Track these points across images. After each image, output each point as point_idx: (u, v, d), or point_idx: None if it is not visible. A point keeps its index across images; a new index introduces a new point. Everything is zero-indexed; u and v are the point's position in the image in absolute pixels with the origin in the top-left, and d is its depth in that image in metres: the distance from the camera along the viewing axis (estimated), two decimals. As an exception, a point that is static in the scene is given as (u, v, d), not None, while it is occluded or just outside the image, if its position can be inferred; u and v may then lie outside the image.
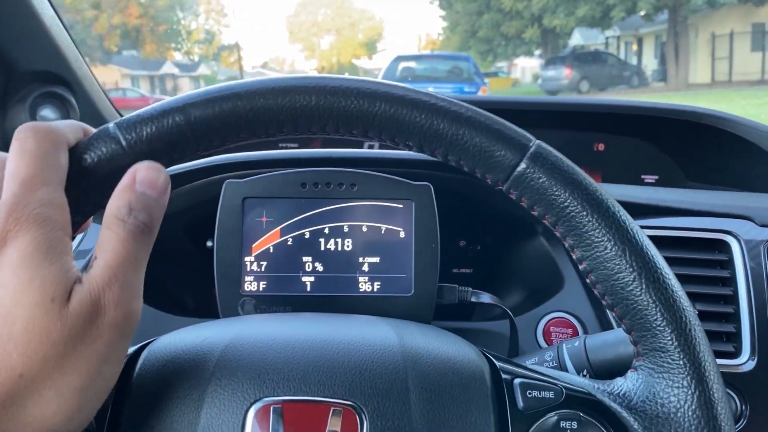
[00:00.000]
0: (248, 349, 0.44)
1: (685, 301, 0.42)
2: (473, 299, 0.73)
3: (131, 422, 0.42)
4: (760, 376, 0.69)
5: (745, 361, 0.69)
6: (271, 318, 0.51)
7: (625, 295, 0.42)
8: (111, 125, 0.40)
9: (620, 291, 0.42)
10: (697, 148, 1.10)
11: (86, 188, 0.40)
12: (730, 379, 0.69)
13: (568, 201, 0.42)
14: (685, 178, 1.14)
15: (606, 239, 0.42)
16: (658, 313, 0.41)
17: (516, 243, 0.85)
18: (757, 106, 10.68)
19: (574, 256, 0.44)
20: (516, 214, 0.81)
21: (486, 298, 0.73)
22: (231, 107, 0.41)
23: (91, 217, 0.43)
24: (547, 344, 0.77)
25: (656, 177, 1.16)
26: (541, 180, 0.42)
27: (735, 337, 0.71)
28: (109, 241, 0.36)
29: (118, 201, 0.37)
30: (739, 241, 0.75)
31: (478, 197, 0.81)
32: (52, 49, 1.01)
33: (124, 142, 0.40)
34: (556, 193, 0.42)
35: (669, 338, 0.41)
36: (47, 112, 1.09)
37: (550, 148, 0.43)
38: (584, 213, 0.42)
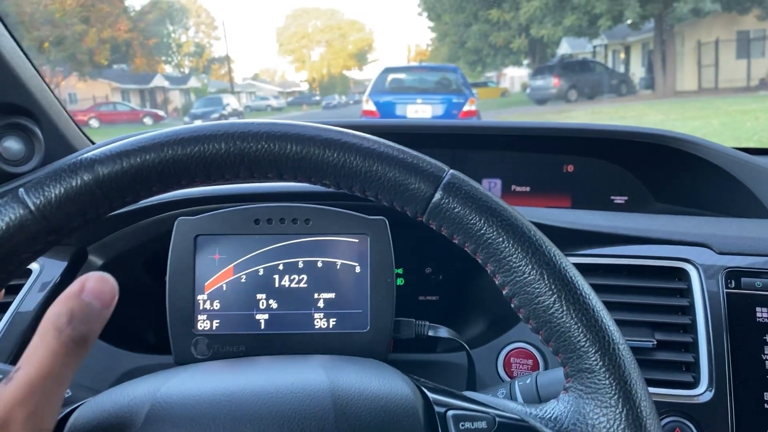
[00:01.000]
0: (175, 407, 0.43)
1: (607, 321, 0.42)
2: (430, 333, 0.72)
3: None
4: (718, 407, 0.68)
5: (702, 392, 0.69)
6: (201, 369, 0.50)
7: (548, 318, 0.42)
8: (20, 189, 0.40)
9: (542, 314, 0.42)
10: (664, 170, 1.10)
11: None
12: (688, 410, 0.69)
13: (485, 228, 0.42)
14: (654, 200, 1.15)
15: (524, 263, 0.42)
16: (581, 334, 0.41)
17: (478, 272, 0.85)
18: (743, 113, 10.77)
19: (497, 282, 0.44)
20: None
21: (443, 332, 0.72)
22: (139, 162, 0.41)
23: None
24: (508, 375, 0.76)
25: (625, 198, 1.17)
26: (456, 209, 0.43)
27: (693, 367, 0.71)
28: (38, 352, 0.34)
29: (59, 308, 0.35)
30: (697, 268, 0.75)
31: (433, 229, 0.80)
32: (14, 80, 1.00)
33: (32, 207, 0.40)
34: (472, 221, 0.42)
35: (594, 358, 0.41)
36: (11, 143, 1.08)
37: (464, 177, 0.44)
38: (500, 239, 0.42)
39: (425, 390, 0.47)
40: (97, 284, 0.37)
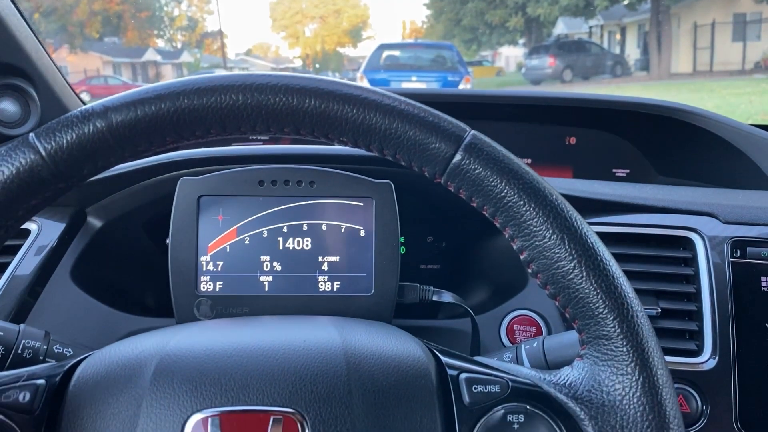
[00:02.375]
0: (184, 360, 0.43)
1: (627, 288, 0.41)
2: (434, 298, 0.72)
3: None
4: (721, 374, 0.68)
5: (706, 360, 0.69)
6: (210, 325, 0.50)
7: (566, 283, 0.41)
8: (31, 134, 0.39)
9: (561, 280, 0.41)
10: (667, 142, 1.09)
11: (2, 203, 0.39)
12: (691, 378, 0.69)
13: (505, 191, 0.41)
14: (655, 173, 1.14)
15: (544, 228, 0.41)
16: (600, 301, 0.41)
17: (481, 239, 0.85)
18: (738, 96, 10.77)
19: (515, 246, 0.43)
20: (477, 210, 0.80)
21: (447, 297, 0.72)
22: (154, 110, 0.40)
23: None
24: (511, 342, 0.76)
25: (627, 171, 1.16)
26: (477, 171, 0.42)
27: (697, 335, 0.71)
28: None
29: None
30: (702, 238, 0.75)
31: (442, 193, 0.79)
32: (10, 40, 0.98)
33: (43, 152, 0.39)
34: (493, 183, 0.42)
35: (612, 325, 0.41)
36: (6, 104, 1.06)
37: (486, 138, 0.43)
38: (521, 202, 0.41)
39: (437, 353, 0.46)
40: None
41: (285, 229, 0.69)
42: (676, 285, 0.74)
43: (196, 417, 0.40)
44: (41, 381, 0.42)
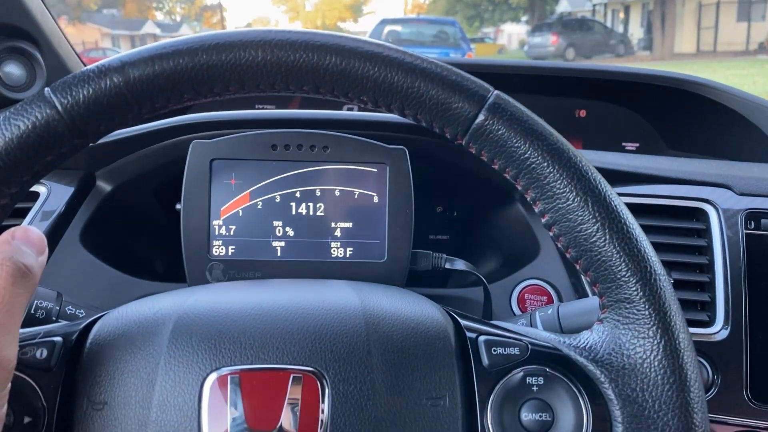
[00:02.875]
0: (203, 318, 0.43)
1: (650, 251, 0.41)
2: (447, 266, 0.71)
3: (83, 400, 0.40)
4: (733, 345, 0.68)
5: (718, 330, 0.69)
6: (227, 286, 0.49)
7: (589, 246, 0.41)
8: (46, 89, 0.38)
9: (583, 242, 0.41)
10: (678, 115, 1.08)
11: (18, 158, 0.38)
12: (703, 348, 0.69)
13: (529, 152, 0.41)
14: (665, 147, 1.13)
15: (568, 190, 0.41)
16: (623, 264, 0.40)
17: (492, 209, 0.84)
18: (741, 77, 10.70)
19: (536, 209, 0.43)
20: (493, 179, 0.79)
21: (460, 264, 0.72)
22: (172, 66, 0.39)
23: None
24: (521, 312, 0.76)
25: (637, 144, 1.15)
26: (500, 131, 0.41)
27: (709, 306, 0.71)
28: None
29: None
30: (717, 209, 0.74)
31: (455, 162, 0.79)
32: (15, 1, 0.96)
33: (59, 107, 0.38)
34: (516, 144, 0.41)
35: (634, 288, 0.40)
36: (11, 68, 1.05)
37: (510, 99, 0.42)
38: (545, 164, 0.41)
39: (455, 316, 0.46)
40: (23, 232, 0.38)
41: (298, 194, 0.68)
42: (688, 256, 0.74)
43: (215, 375, 0.40)
44: (58, 338, 0.42)
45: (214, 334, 0.41)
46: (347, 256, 0.69)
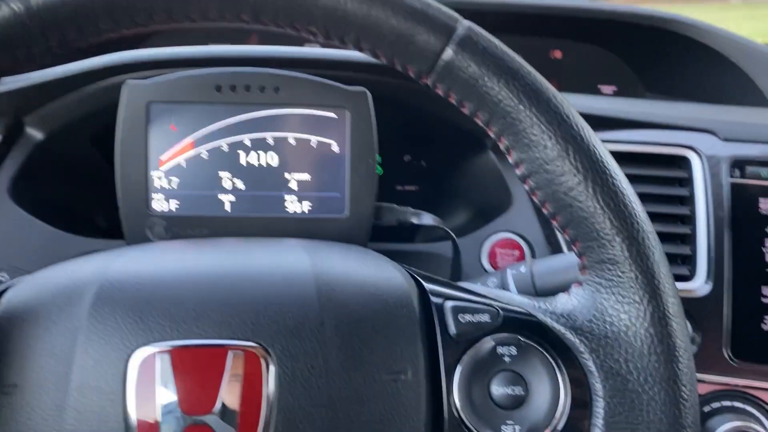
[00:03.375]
0: (129, 286, 0.37)
1: (637, 206, 0.37)
2: (414, 220, 0.66)
3: None
4: (714, 301, 0.65)
5: (699, 285, 0.65)
6: (159, 247, 0.43)
7: (569, 201, 0.37)
8: None
9: (563, 196, 0.37)
10: (659, 57, 1.03)
11: None
12: (684, 304, 0.65)
13: (503, 93, 0.36)
14: (644, 90, 1.08)
15: (546, 137, 0.36)
16: (607, 220, 0.36)
17: (463, 158, 0.78)
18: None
19: (510, 159, 0.38)
20: (463, 126, 0.73)
21: (427, 218, 0.66)
22: None
23: None
24: (493, 267, 0.71)
25: (614, 88, 1.10)
26: (470, 69, 0.36)
27: (690, 260, 0.67)
28: None
29: None
30: (700, 156, 0.70)
31: (423, 106, 0.73)
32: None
33: None
34: (489, 84, 0.36)
35: (619, 248, 0.36)
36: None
37: (482, 31, 0.37)
38: (521, 107, 0.36)
39: (419, 279, 0.41)
40: None
41: (247, 142, 0.61)
42: (669, 207, 0.69)
43: (142, 352, 0.34)
44: None
45: (141, 305, 0.36)
46: (304, 211, 0.63)
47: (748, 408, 0.64)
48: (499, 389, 0.38)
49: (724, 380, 0.64)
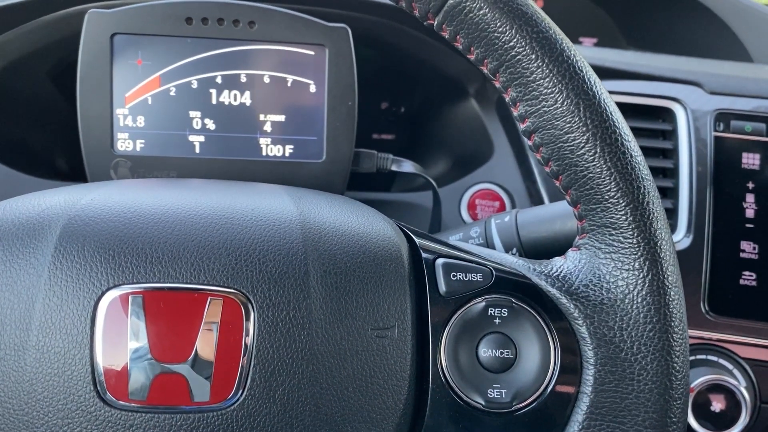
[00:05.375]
0: (100, 222, 0.34)
1: (644, 170, 0.35)
2: (394, 168, 0.63)
3: None
4: (694, 254, 0.64)
5: (680, 239, 0.65)
6: (134, 184, 0.40)
7: (575, 159, 0.35)
8: None
9: (569, 155, 0.35)
10: (642, 9, 1.01)
11: None
12: (662, 258, 0.65)
13: (515, 40, 0.34)
14: (625, 43, 1.06)
15: (557, 90, 0.34)
16: (613, 183, 0.34)
17: (444, 105, 0.76)
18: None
19: (515, 112, 0.36)
20: (446, 71, 0.70)
21: (408, 166, 0.64)
22: None
23: None
24: (472, 218, 0.70)
25: (595, 40, 1.08)
26: (482, 12, 0.34)
27: (671, 213, 0.66)
28: None
29: None
30: (685, 109, 0.69)
31: (404, 47, 0.69)
32: None
33: None
34: (501, 29, 0.34)
35: (623, 212, 0.35)
36: None
37: None
38: (533, 56, 0.34)
39: (410, 234, 0.39)
40: None
41: (219, 80, 0.58)
42: (652, 159, 0.68)
43: (113, 293, 0.32)
44: None
45: (114, 243, 0.33)
46: (279, 154, 0.60)
47: (722, 361, 0.64)
48: (487, 351, 0.36)
49: (699, 334, 0.64)
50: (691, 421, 0.62)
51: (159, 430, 0.31)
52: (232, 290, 0.33)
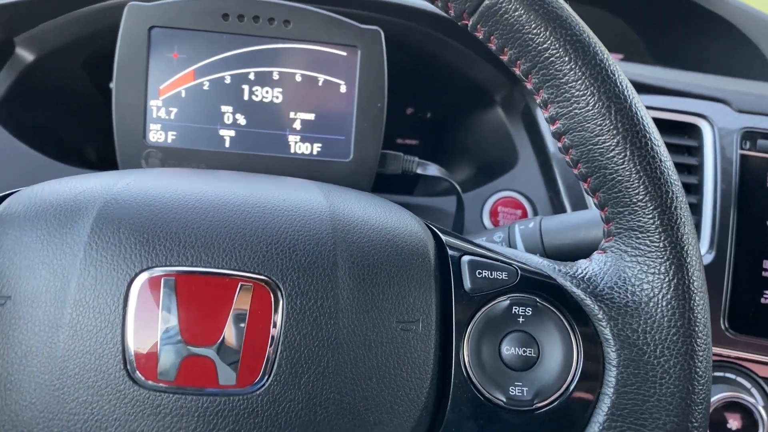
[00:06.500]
0: (135, 206, 0.34)
1: (673, 175, 0.35)
2: (419, 171, 0.64)
3: None
4: (715, 271, 0.64)
5: (702, 255, 0.64)
6: (170, 171, 0.41)
7: (605, 162, 0.35)
8: None
9: (599, 157, 0.35)
10: (668, 24, 1.01)
11: None
12: (684, 273, 0.64)
13: (549, 42, 0.34)
14: (651, 59, 1.06)
15: (589, 93, 0.34)
16: (641, 186, 0.35)
17: (470, 112, 0.76)
18: None
19: (546, 114, 0.36)
20: (474, 78, 0.71)
21: (433, 170, 0.64)
22: None
23: None
24: (494, 225, 0.70)
25: (621, 56, 1.08)
26: (517, 13, 0.34)
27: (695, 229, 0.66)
28: None
29: None
30: (712, 126, 0.69)
31: (434, 53, 0.70)
32: None
33: None
34: (535, 31, 0.34)
35: (650, 215, 0.35)
36: None
37: None
38: (567, 58, 0.34)
39: (437, 231, 0.39)
40: None
41: (252, 76, 0.59)
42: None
43: (146, 275, 0.32)
44: None
45: (148, 226, 0.34)
46: (306, 153, 0.60)
47: (740, 379, 0.64)
48: (510, 349, 0.36)
49: (718, 351, 0.63)
50: (708, 439, 0.62)
51: (185, 410, 0.32)
52: (262, 277, 0.33)
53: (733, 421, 0.62)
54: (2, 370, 0.32)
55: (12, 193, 0.37)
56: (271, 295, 0.33)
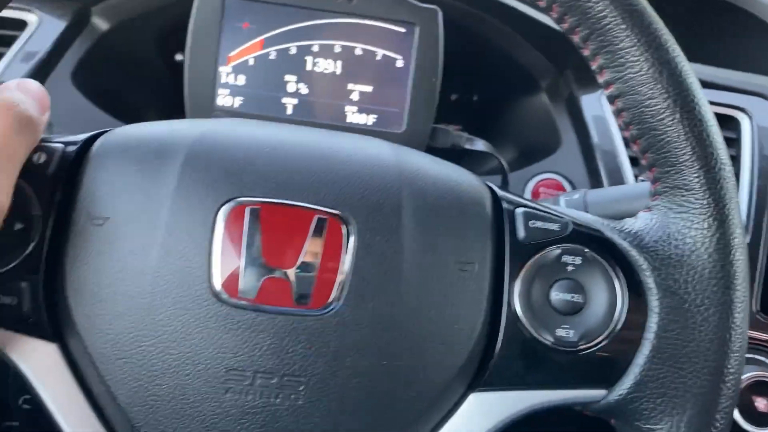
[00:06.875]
0: (224, 143, 0.38)
1: (718, 137, 0.37)
2: (467, 146, 0.67)
3: (81, 215, 0.36)
4: (750, 255, 0.66)
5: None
6: (253, 122, 0.44)
7: (655, 124, 0.37)
8: None
9: (649, 119, 0.37)
10: (701, 25, 1.02)
11: None
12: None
13: (607, 10, 0.36)
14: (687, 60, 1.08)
15: (643, 59, 0.36)
16: (689, 147, 0.37)
17: (516, 96, 0.79)
18: None
19: (601, 79, 0.38)
20: (522, 63, 0.74)
21: (480, 145, 0.67)
22: None
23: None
24: (535, 204, 0.72)
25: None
26: None
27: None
28: None
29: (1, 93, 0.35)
30: (750, 119, 0.71)
31: (487, 36, 0.73)
32: None
33: None
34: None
35: (696, 175, 0.37)
36: None
37: None
38: (623, 26, 0.36)
39: (492, 186, 0.42)
40: (27, 86, 0.37)
41: (315, 48, 0.62)
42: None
43: (233, 204, 0.35)
44: (58, 145, 0.37)
45: (237, 161, 0.37)
46: (363, 122, 0.64)
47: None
48: (558, 295, 0.38)
49: (748, 333, 0.65)
50: (736, 416, 0.63)
51: (263, 327, 0.35)
52: (336, 212, 0.36)
53: (761, 402, 0.63)
54: (98, 283, 0.35)
55: (104, 132, 0.41)
56: (344, 228, 0.36)
